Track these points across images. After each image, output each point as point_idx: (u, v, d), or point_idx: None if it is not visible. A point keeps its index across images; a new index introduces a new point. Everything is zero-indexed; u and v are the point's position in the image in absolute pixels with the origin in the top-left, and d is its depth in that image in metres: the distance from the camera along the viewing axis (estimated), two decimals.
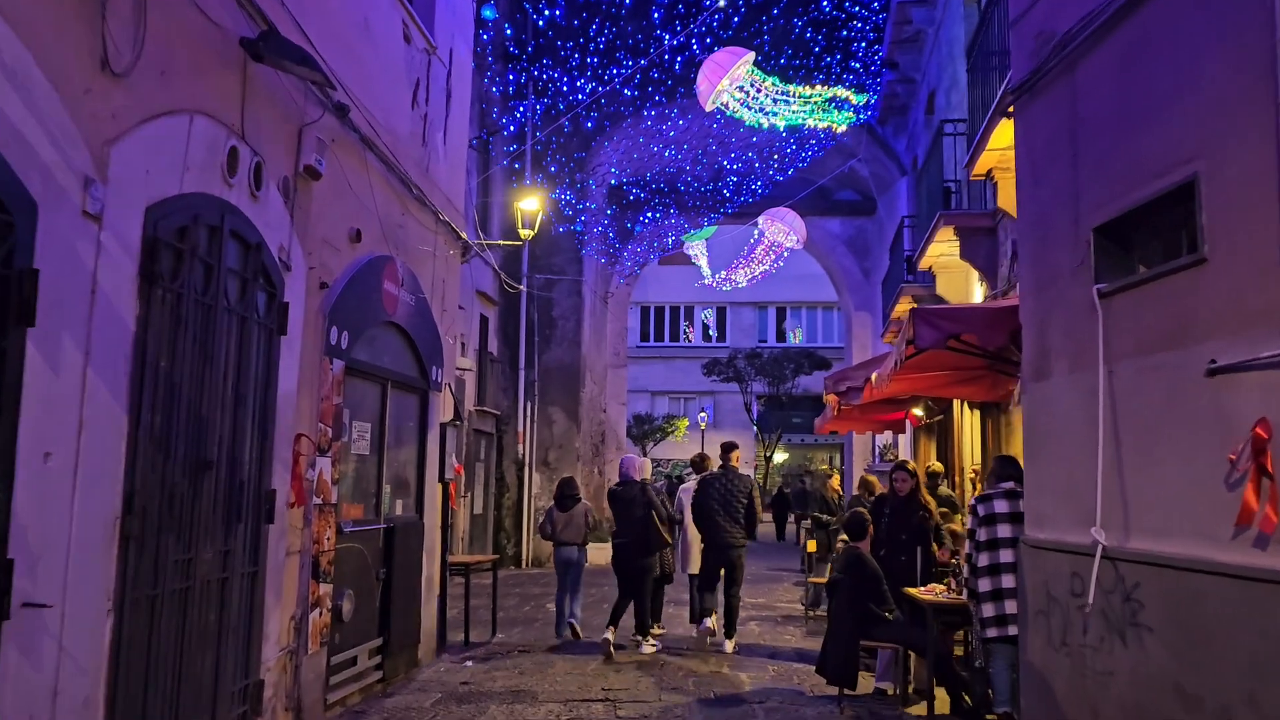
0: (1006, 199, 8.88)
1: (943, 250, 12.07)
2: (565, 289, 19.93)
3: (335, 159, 6.54)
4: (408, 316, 8.01)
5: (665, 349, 42.01)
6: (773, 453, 37.61)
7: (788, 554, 22.15)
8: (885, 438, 21.72)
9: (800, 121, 11.85)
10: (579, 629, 10.01)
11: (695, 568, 9.87)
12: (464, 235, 9.71)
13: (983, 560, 6.17)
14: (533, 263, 19.72)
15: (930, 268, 12.86)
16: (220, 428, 4.99)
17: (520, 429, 19.42)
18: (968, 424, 12.52)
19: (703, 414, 39.02)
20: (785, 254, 20.54)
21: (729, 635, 9.42)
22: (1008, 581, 6.05)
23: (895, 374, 7.96)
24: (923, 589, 7.18)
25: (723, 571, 9.42)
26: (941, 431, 14.95)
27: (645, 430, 37.79)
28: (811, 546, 12.54)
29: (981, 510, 6.28)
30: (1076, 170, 5.41)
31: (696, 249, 36.00)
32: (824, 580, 11.56)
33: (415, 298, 8.18)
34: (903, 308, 16.02)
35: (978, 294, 11.87)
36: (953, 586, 7.06)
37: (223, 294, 4.97)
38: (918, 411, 15.43)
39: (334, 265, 6.70)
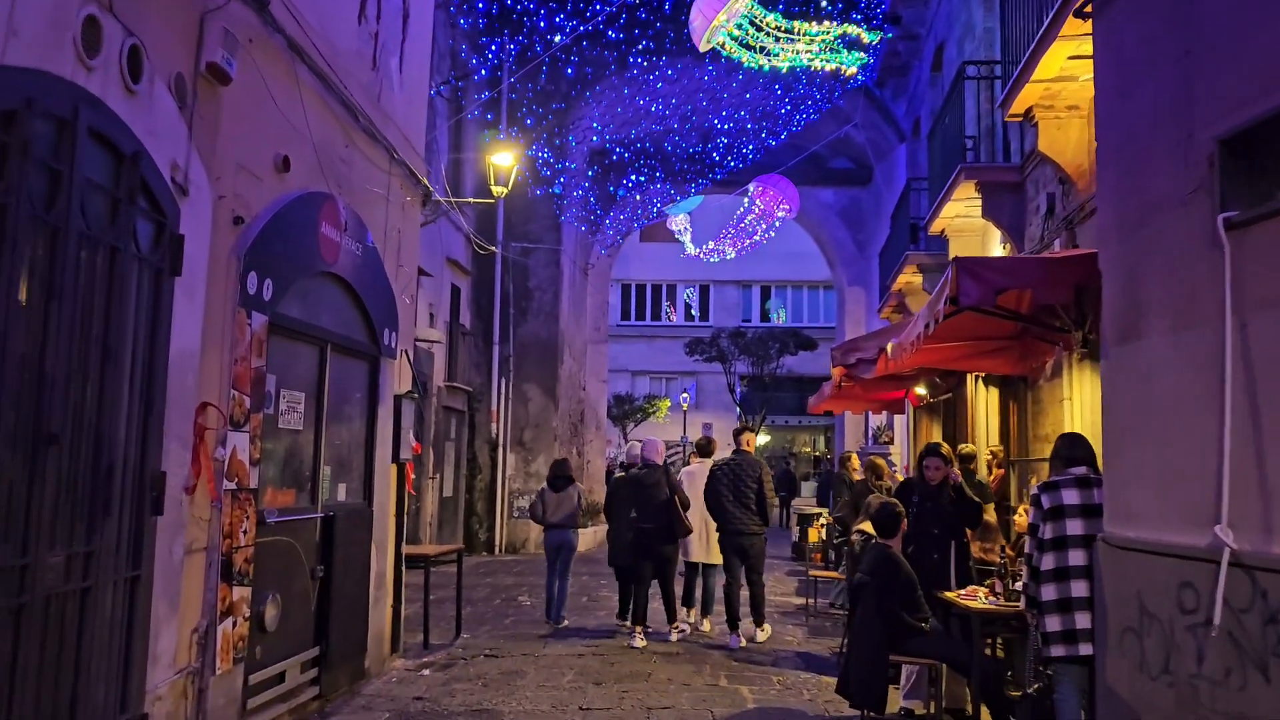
0: (1049, 142, 7.75)
1: (959, 211, 10.93)
2: (542, 258, 18.68)
3: (253, 64, 5.29)
4: (353, 268, 6.78)
5: (646, 328, 40.81)
6: (757, 434, 36.53)
7: (776, 540, 21.06)
8: (879, 419, 20.66)
9: (805, 64, 10.64)
10: (567, 621, 9.76)
11: (695, 556, 9.42)
12: (425, 180, 8.46)
13: (1047, 563, 5.02)
14: (508, 230, 18.45)
15: (943, 232, 11.72)
16: (74, 392, 3.77)
17: (494, 407, 18.21)
18: (983, 402, 11.42)
19: (685, 394, 37.89)
20: (777, 223, 19.40)
21: (758, 623, 9.11)
22: (1079, 589, 4.92)
23: (923, 341, 6.81)
24: (962, 593, 6.06)
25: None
26: (948, 411, 13.86)
27: (626, 411, 36.61)
28: (814, 536, 11.41)
29: (1047, 501, 5.12)
30: (1189, 70, 4.24)
31: (679, 223, 34.86)
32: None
33: (362, 247, 6.94)
34: (907, 279, 14.91)
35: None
36: (997, 589, 5.94)
37: (78, 214, 3.74)
38: (920, 390, 14.33)
39: (254, 198, 5.46)
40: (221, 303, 5.08)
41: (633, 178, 16.57)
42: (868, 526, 7.55)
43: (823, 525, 17.45)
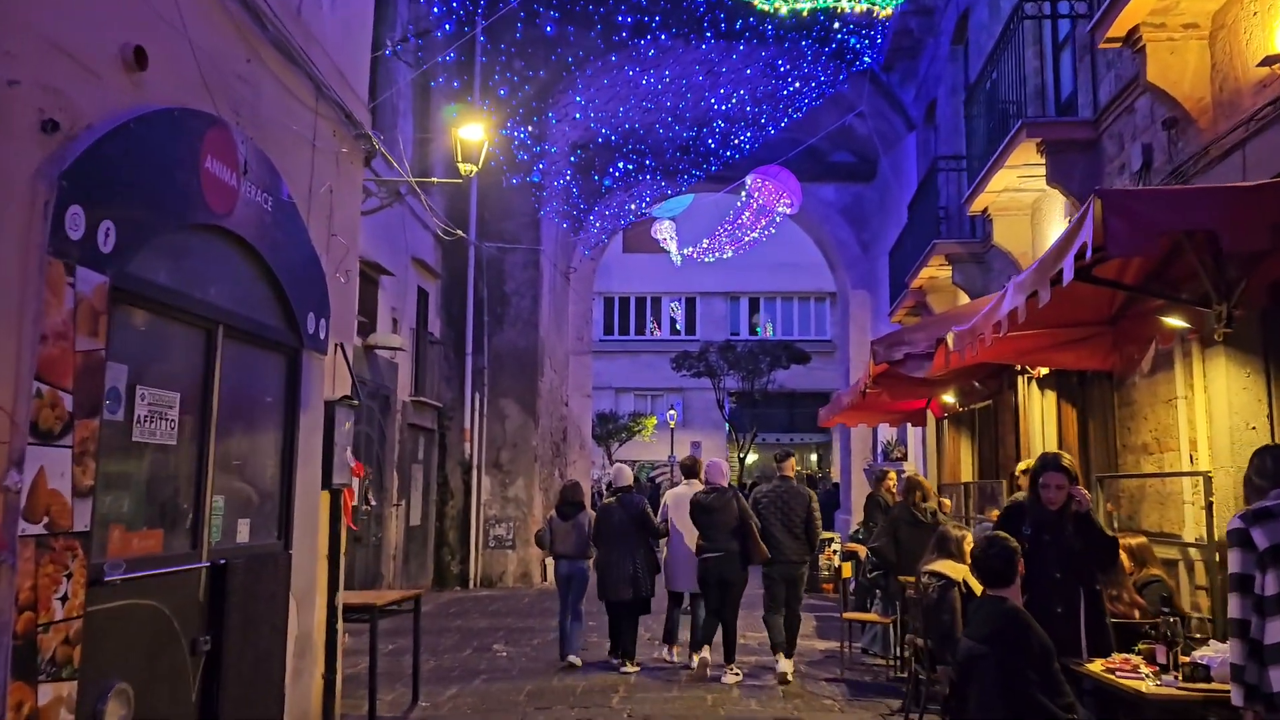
0: (1161, 70, 6.12)
1: (1009, 182, 9.26)
2: (520, 260, 16.92)
3: None
4: (259, 227, 5.01)
5: (630, 342, 39.02)
6: (747, 453, 34.79)
7: None
8: (889, 433, 18.96)
9: (832, 4, 8.98)
10: (577, 661, 9.00)
11: (681, 585, 9.03)
12: (365, 129, 6.69)
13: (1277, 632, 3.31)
14: (482, 229, 16.71)
15: (986, 211, 10.04)
16: None
17: (467, 424, 16.39)
18: (1037, 408, 9.72)
19: (672, 411, 36.11)
20: (777, 219, 17.74)
21: (788, 655, 8.55)
22: None
23: (1022, 317, 5.09)
24: (1113, 665, 4.31)
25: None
26: (985, 421, 12.15)
27: (610, 429, 34.81)
28: (847, 571, 9.65)
29: (1264, 538, 3.42)
30: None
31: (665, 231, 33.24)
32: (889, 620, 8.77)
33: (274, 201, 5.17)
34: (931, 273, 13.23)
35: (1057, 237, 9.04)
36: (1160, 659, 4.19)
37: None
38: (948, 398, 12.66)
39: (84, 100, 3.69)
40: (15, 247, 3.30)
41: (620, 165, 14.81)
42: (947, 567, 5.81)
43: (834, 551, 15.78)
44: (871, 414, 14.46)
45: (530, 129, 13.67)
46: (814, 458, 40.98)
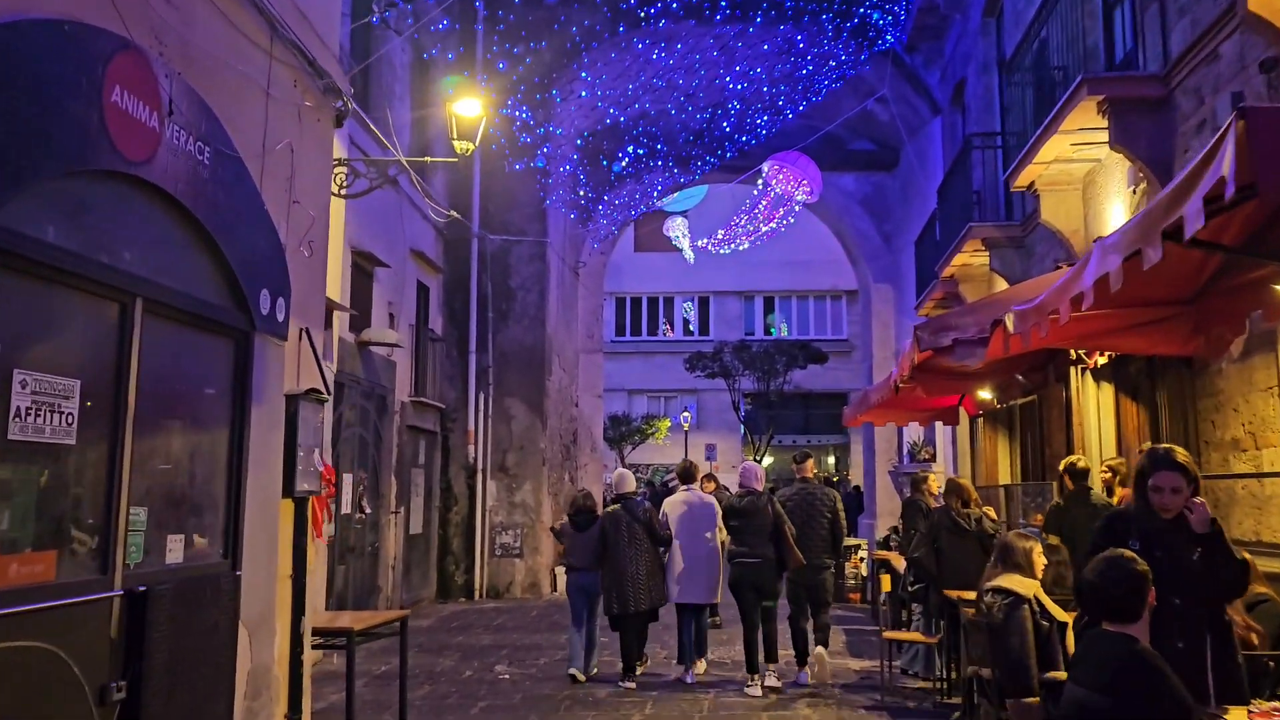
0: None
1: (1061, 151, 8.33)
2: (526, 253, 16.06)
3: None
4: (189, 181, 4.14)
5: (643, 343, 38.10)
6: (763, 455, 33.82)
7: None
8: (915, 433, 18.01)
9: None
10: (580, 675, 8.57)
11: (683, 596, 8.45)
12: (336, 81, 5.82)
13: None
14: (485, 221, 15.85)
15: (1031, 186, 9.10)
16: None
17: (471, 426, 15.53)
18: (1093, 402, 8.79)
19: (685, 414, 35.17)
20: (796, 208, 16.83)
21: (823, 644, 8.52)
22: None
23: (1117, 284, 4.17)
24: (1253, 715, 3.39)
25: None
26: (1028, 419, 11.22)
27: (622, 432, 33.91)
28: (886, 584, 8.72)
29: None
30: None
31: (677, 228, 32.36)
32: (934, 640, 7.85)
33: (212, 153, 4.31)
34: (965, 260, 12.29)
35: (1116, 212, 8.11)
36: None
37: None
38: (985, 394, 11.72)
39: None
40: None
41: (630, 149, 13.89)
42: (1014, 582, 4.89)
43: (861, 559, 14.85)
44: (901, 412, 13.52)
45: (534, 109, 12.78)
46: (831, 460, 40.00)
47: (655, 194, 16.40)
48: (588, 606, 8.76)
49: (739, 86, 13.75)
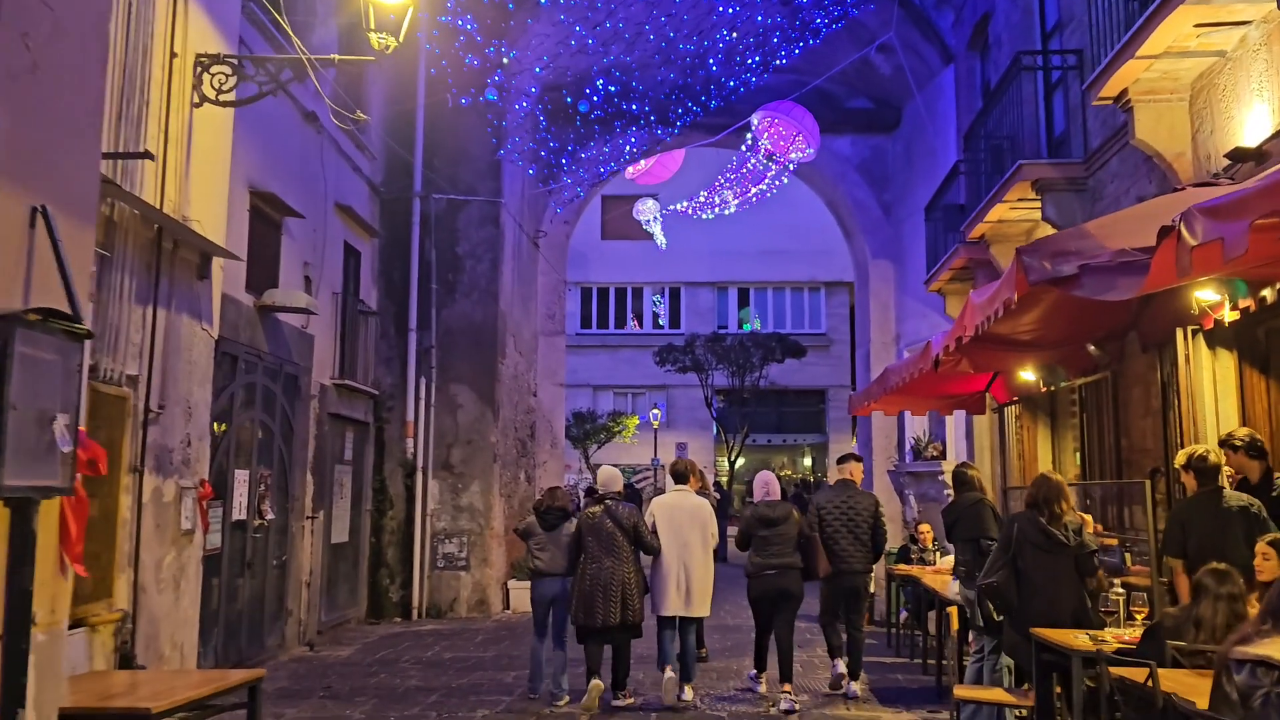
0: None
1: (1176, 39, 6.23)
2: (476, 215, 13.78)
3: None
4: None
5: (610, 336, 35.87)
6: (737, 456, 31.71)
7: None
8: (916, 427, 15.92)
9: None
10: (561, 704, 7.69)
11: (671, 608, 7.68)
12: None
13: None
14: (430, 179, 13.56)
15: (1123, 97, 6.99)
16: None
17: (410, 416, 13.23)
18: (1207, 376, 6.68)
19: (655, 410, 32.94)
20: (791, 166, 14.68)
21: (854, 676, 8.13)
22: None
23: None
24: None
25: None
26: (1094, 403, 9.10)
27: (587, 430, 31.63)
28: (954, 620, 6.58)
29: None
30: None
31: (648, 211, 30.12)
32: (1025, 702, 5.70)
33: None
34: (1006, 212, 10.14)
35: (1258, 118, 6.01)
36: None
37: None
38: (1026, 374, 9.65)
39: None
40: None
41: (601, 85, 11.52)
42: None
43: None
44: (920, 399, 11.40)
45: (483, 24, 10.47)
46: (808, 461, 37.98)
47: (628, 152, 14.14)
48: (555, 619, 7.98)
49: (729, 10, 11.52)
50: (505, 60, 10.11)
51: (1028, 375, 9.86)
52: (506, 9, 11.39)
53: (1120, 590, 5.70)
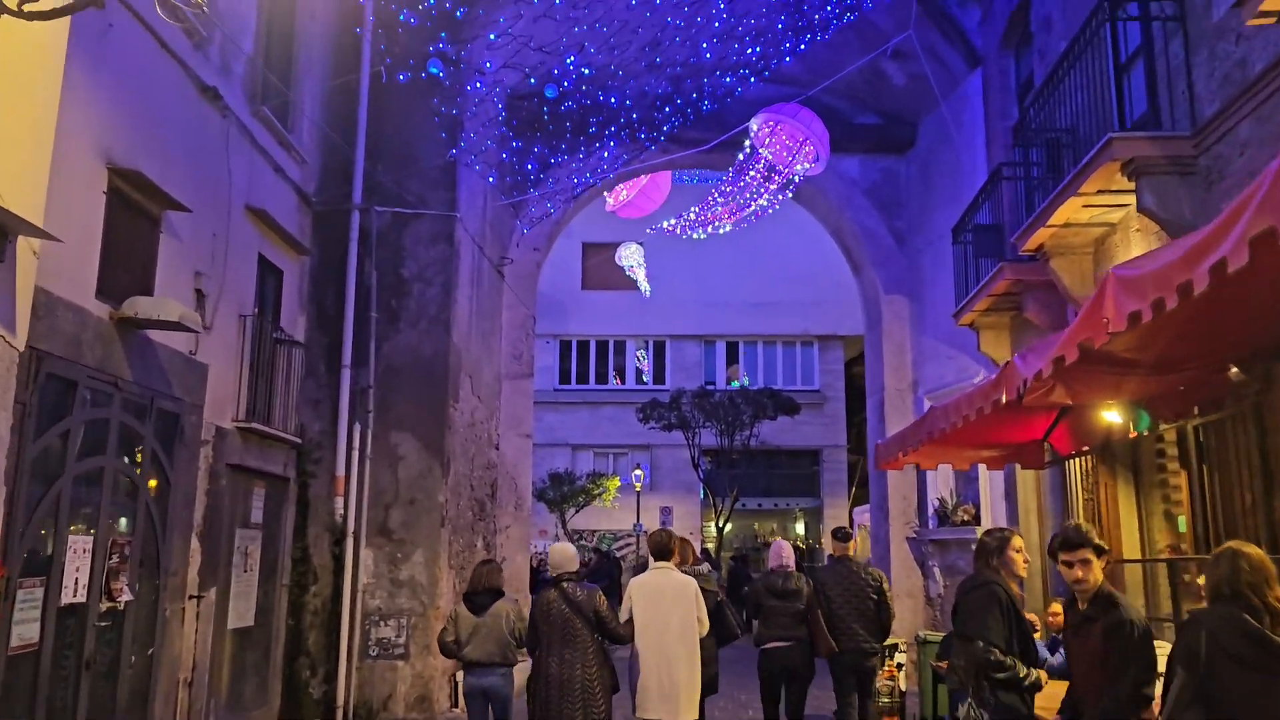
0: None
1: None
2: (426, 231, 11.64)
3: None
4: None
5: (590, 392, 33.63)
6: (726, 521, 29.33)
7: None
8: (944, 485, 13.69)
9: None
10: None
11: (651, 710, 6.67)
12: None
13: None
14: (371, 189, 11.44)
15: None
16: None
17: (340, 470, 10.89)
18: None
19: (638, 471, 30.57)
20: (796, 178, 12.64)
21: None
22: None
23: None
24: None
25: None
26: (1218, 451, 6.90)
27: (565, 493, 29.23)
28: None
29: None
30: None
31: (631, 257, 28.11)
32: None
33: None
34: (1075, 211, 8.06)
35: None
36: None
37: None
38: (1111, 416, 7.51)
39: None
40: None
41: (570, 64, 9.47)
42: None
43: (898, 665, 10.40)
44: (964, 449, 9.19)
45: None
46: (800, 527, 35.52)
47: (606, 159, 12.06)
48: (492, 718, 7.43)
49: (718, 25, 9.59)
50: (457, 13, 8.02)
51: (1113, 416, 7.72)
52: None
53: None
